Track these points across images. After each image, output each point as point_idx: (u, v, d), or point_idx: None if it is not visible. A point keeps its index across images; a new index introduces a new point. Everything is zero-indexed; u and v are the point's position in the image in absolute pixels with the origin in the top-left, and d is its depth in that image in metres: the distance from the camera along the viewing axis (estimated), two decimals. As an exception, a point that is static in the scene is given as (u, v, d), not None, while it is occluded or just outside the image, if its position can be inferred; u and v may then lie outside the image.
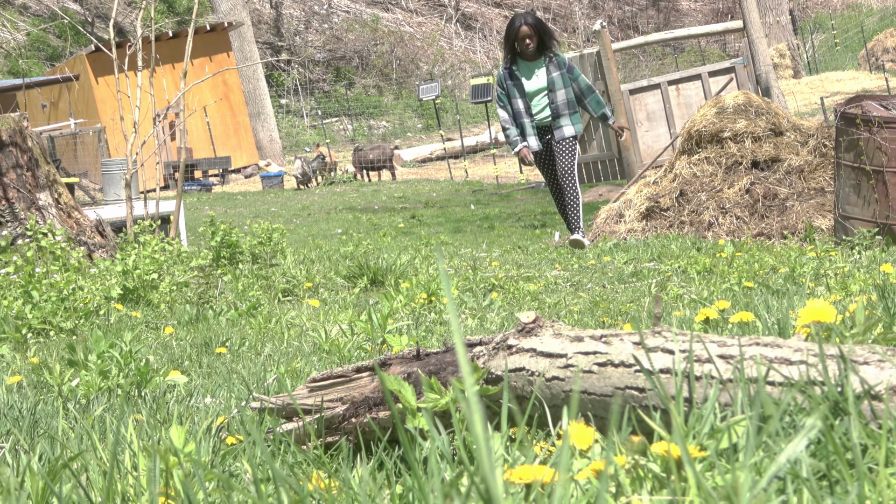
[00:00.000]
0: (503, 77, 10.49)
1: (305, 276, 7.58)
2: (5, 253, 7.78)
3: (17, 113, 8.84)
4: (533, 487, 1.21)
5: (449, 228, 15.27)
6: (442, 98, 35.37)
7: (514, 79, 10.46)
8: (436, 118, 34.70)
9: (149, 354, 4.12)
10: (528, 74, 10.46)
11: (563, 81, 10.41)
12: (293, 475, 1.66)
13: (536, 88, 10.39)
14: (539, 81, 10.43)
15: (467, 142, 31.03)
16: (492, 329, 4.66)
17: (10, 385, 3.59)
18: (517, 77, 10.45)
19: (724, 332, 2.78)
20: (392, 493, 1.34)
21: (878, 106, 8.45)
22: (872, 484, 1.13)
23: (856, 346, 1.50)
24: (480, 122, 36.90)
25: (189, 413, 2.72)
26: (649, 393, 1.61)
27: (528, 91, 10.39)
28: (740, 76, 18.35)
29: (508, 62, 10.49)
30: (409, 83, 42.15)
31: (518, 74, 10.45)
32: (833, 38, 45.01)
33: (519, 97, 10.42)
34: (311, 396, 2.04)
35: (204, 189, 26.52)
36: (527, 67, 10.46)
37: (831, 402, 1.36)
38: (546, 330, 1.81)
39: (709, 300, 4.93)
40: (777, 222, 10.55)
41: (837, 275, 5.48)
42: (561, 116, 10.44)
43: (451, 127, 35.30)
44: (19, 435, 2.38)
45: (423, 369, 1.92)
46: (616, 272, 7.61)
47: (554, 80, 10.39)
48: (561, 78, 10.41)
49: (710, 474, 1.25)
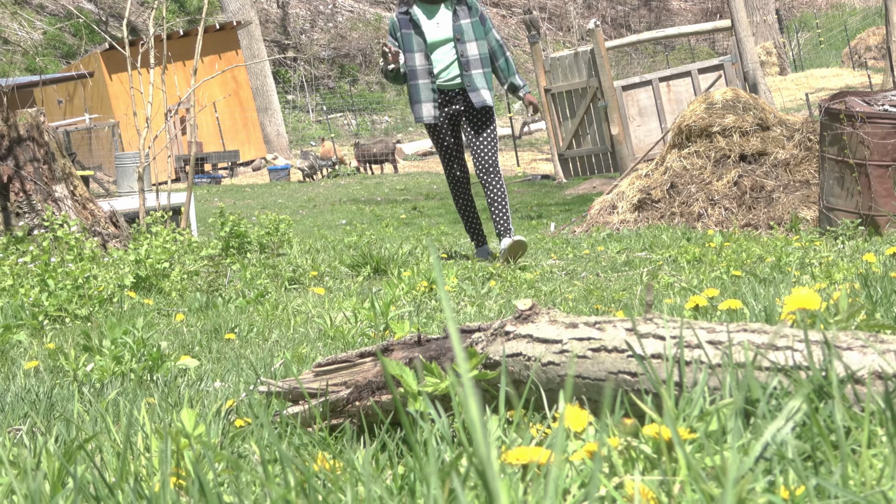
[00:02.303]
0: (395, 25, 7.70)
1: (311, 265, 7.57)
2: (23, 243, 7.77)
3: (34, 108, 8.82)
4: (529, 468, 1.21)
5: (449, 219, 15.26)
6: (442, 94, 35.28)
7: (411, 26, 7.66)
8: (436, 113, 34.59)
9: (161, 340, 4.12)
10: (429, 20, 7.68)
11: (474, 31, 7.68)
12: (299, 456, 1.66)
13: (440, 39, 7.65)
14: (443, 30, 7.65)
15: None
16: (490, 316, 4.66)
17: (27, 370, 3.59)
18: (416, 24, 7.63)
19: (713, 318, 2.77)
20: (394, 474, 1.34)
21: (861, 102, 8.44)
22: (855, 464, 1.13)
23: (839, 333, 1.50)
24: (479, 117, 36.79)
25: (199, 397, 2.72)
26: (641, 377, 1.60)
27: (429, 42, 7.62)
28: (729, 73, 18.34)
29: (405, 3, 7.73)
30: (410, 80, 42.03)
31: (417, 20, 7.64)
32: (818, 36, 44.95)
33: (416, 51, 7.61)
34: (316, 381, 2.04)
35: (213, 181, 26.50)
36: (428, 11, 7.67)
37: (816, 386, 1.36)
38: (542, 317, 1.81)
39: (698, 288, 4.93)
40: (764, 213, 10.54)
41: (822, 264, 5.48)
42: (474, 76, 7.62)
43: (450, 122, 35.21)
44: (36, 417, 2.38)
45: (424, 355, 1.92)
46: (609, 261, 7.61)
47: (463, 28, 7.65)
48: (471, 27, 7.69)
49: (699, 455, 1.24)
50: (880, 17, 34.59)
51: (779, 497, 1.04)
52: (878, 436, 1.22)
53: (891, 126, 8.00)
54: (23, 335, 4.67)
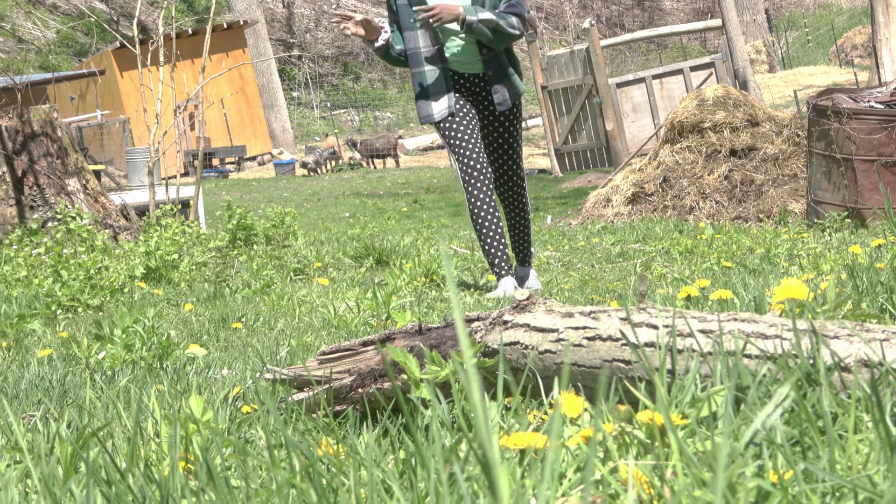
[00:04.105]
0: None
1: (315, 257, 7.57)
2: (36, 235, 7.77)
3: (47, 105, 8.82)
4: (527, 453, 1.21)
5: (449, 212, 15.26)
6: (442, 91, 35.25)
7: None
8: (436, 110, 34.56)
9: (170, 329, 4.12)
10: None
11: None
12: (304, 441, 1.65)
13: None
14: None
15: (466, 132, 30.95)
16: (488, 306, 4.65)
17: (41, 358, 3.59)
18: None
19: (704, 308, 2.77)
20: (396, 458, 1.34)
21: (848, 98, 8.43)
22: (842, 449, 1.13)
23: (827, 322, 1.50)
24: (478, 113, 36.78)
25: (207, 384, 2.72)
26: (635, 365, 1.60)
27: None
28: (719, 71, 18.31)
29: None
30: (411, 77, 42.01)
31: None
32: (805, 35, 44.89)
33: (415, 27, 5.25)
34: (320, 368, 2.04)
35: (221, 176, 26.49)
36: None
37: (804, 373, 1.35)
38: (539, 307, 1.81)
39: (690, 279, 4.92)
40: (754, 206, 10.54)
41: (810, 255, 5.47)
42: (499, 60, 5.29)
43: (450, 118, 35.18)
44: (49, 404, 2.38)
45: (425, 343, 1.92)
46: (604, 253, 7.61)
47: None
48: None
49: (691, 440, 1.24)
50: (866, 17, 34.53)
51: (768, 481, 1.03)
52: (864, 422, 1.22)
53: (876, 122, 8.00)
54: (37, 324, 4.67)
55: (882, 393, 1.30)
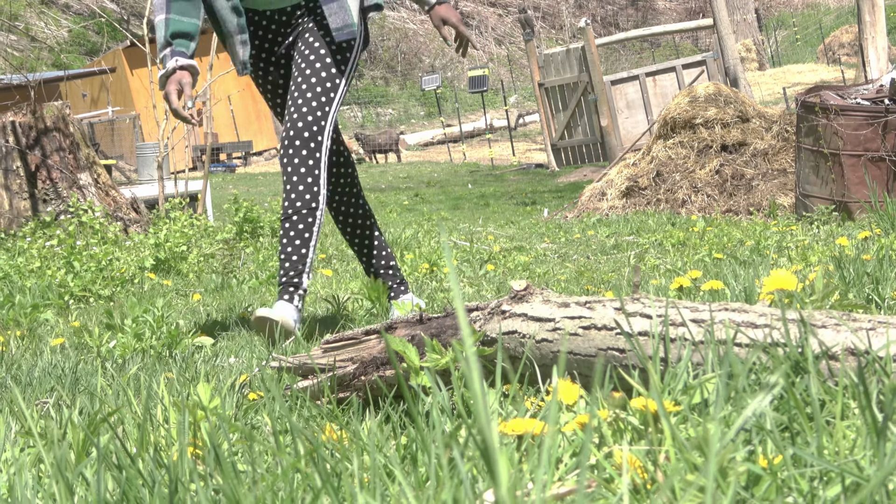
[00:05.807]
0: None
1: (319, 249, 7.56)
2: (49, 227, 7.77)
3: (59, 102, 8.81)
4: (524, 438, 1.21)
5: (448, 206, 15.25)
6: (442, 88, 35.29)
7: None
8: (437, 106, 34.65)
9: (179, 319, 4.11)
10: None
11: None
12: (308, 427, 1.65)
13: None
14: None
15: (465, 127, 30.98)
16: (487, 296, 4.65)
17: (53, 346, 3.59)
18: None
19: (696, 298, 2.77)
20: (397, 444, 1.34)
21: (835, 95, 8.42)
22: (830, 435, 1.12)
23: (815, 312, 1.49)
24: (477, 109, 36.81)
25: (215, 372, 2.72)
26: (629, 353, 1.60)
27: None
28: (711, 68, 18.29)
29: None
30: (412, 75, 42.03)
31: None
32: (794, 34, 44.85)
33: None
34: (324, 357, 2.03)
35: (228, 170, 26.48)
36: None
37: (793, 361, 1.35)
38: (536, 297, 1.80)
39: (682, 270, 4.92)
40: (744, 200, 10.53)
41: (798, 247, 5.47)
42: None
43: (450, 114, 35.21)
44: (62, 391, 2.38)
45: (426, 332, 1.92)
46: (599, 245, 7.60)
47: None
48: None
49: (683, 427, 1.24)
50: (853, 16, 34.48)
51: (758, 466, 1.03)
52: (850, 408, 1.21)
53: (863, 118, 7.99)
54: (49, 314, 4.67)
55: (868, 380, 1.30)
